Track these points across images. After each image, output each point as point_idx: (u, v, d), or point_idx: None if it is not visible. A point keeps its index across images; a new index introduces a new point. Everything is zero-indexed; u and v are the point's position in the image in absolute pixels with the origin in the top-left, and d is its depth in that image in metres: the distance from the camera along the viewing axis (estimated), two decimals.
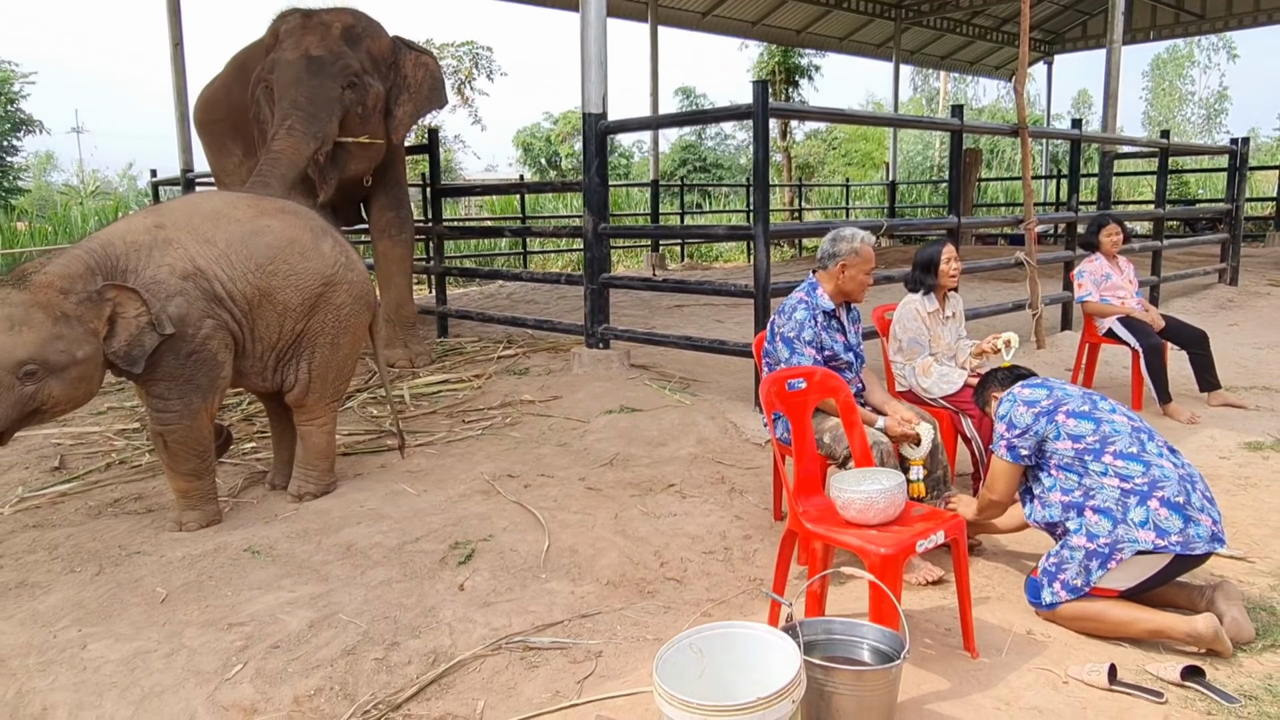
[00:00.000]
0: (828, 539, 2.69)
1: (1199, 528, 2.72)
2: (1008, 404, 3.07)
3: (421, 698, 2.61)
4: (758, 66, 24.00)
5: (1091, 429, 2.89)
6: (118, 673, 2.63)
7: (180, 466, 3.67)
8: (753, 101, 4.90)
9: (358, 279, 4.02)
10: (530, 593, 3.19)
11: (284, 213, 3.96)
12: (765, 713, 1.85)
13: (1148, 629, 2.74)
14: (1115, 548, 2.75)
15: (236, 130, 6.77)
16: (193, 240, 3.64)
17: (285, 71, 5.70)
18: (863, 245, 3.53)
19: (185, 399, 3.58)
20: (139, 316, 3.39)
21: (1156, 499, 2.74)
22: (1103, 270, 5.88)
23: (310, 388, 3.93)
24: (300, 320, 3.83)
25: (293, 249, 3.80)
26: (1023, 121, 6.56)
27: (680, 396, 5.35)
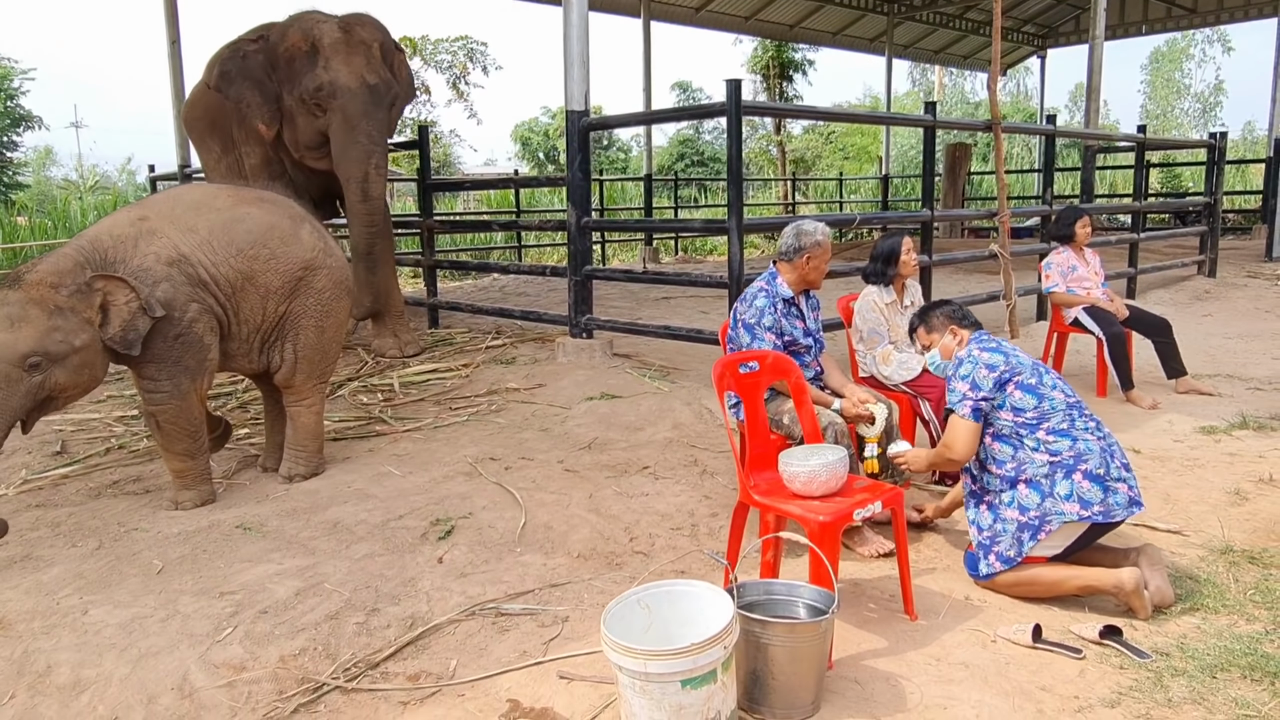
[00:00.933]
0: (773, 509, 2.90)
1: (1117, 495, 2.95)
2: (970, 365, 3.13)
3: (399, 657, 2.81)
4: (752, 61, 24.18)
5: (1034, 404, 3.05)
6: (116, 635, 2.83)
7: (174, 446, 3.88)
8: (726, 100, 5.09)
9: (336, 265, 4.20)
10: (505, 565, 3.39)
11: (263, 201, 4.17)
12: (699, 656, 2.05)
13: (1078, 585, 2.97)
14: (1044, 520, 2.97)
15: (213, 127, 6.99)
16: (175, 229, 3.84)
17: (352, 102, 5.91)
18: (824, 238, 3.73)
19: (174, 380, 3.78)
20: (129, 302, 3.58)
21: (1080, 472, 2.96)
22: (1069, 262, 6.07)
23: (297, 368, 4.13)
24: (282, 303, 4.03)
25: (273, 234, 4.00)
26: (996, 118, 6.75)
27: (659, 384, 5.55)
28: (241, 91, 6.09)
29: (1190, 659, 2.62)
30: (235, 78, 6.07)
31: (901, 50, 20.93)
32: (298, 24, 6.11)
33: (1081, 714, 2.39)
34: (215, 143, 7.04)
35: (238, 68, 6.09)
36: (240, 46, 6.12)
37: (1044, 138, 8.90)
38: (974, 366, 3.13)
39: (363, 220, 6.14)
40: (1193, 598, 3.02)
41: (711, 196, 23.87)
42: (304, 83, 5.99)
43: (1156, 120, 41.82)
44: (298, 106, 6.09)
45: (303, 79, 6.00)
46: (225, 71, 6.06)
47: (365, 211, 6.12)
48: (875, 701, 2.48)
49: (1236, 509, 3.86)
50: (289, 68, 6.07)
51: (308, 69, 5.99)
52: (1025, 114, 33.73)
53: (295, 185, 6.58)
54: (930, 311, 3.45)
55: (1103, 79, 10.14)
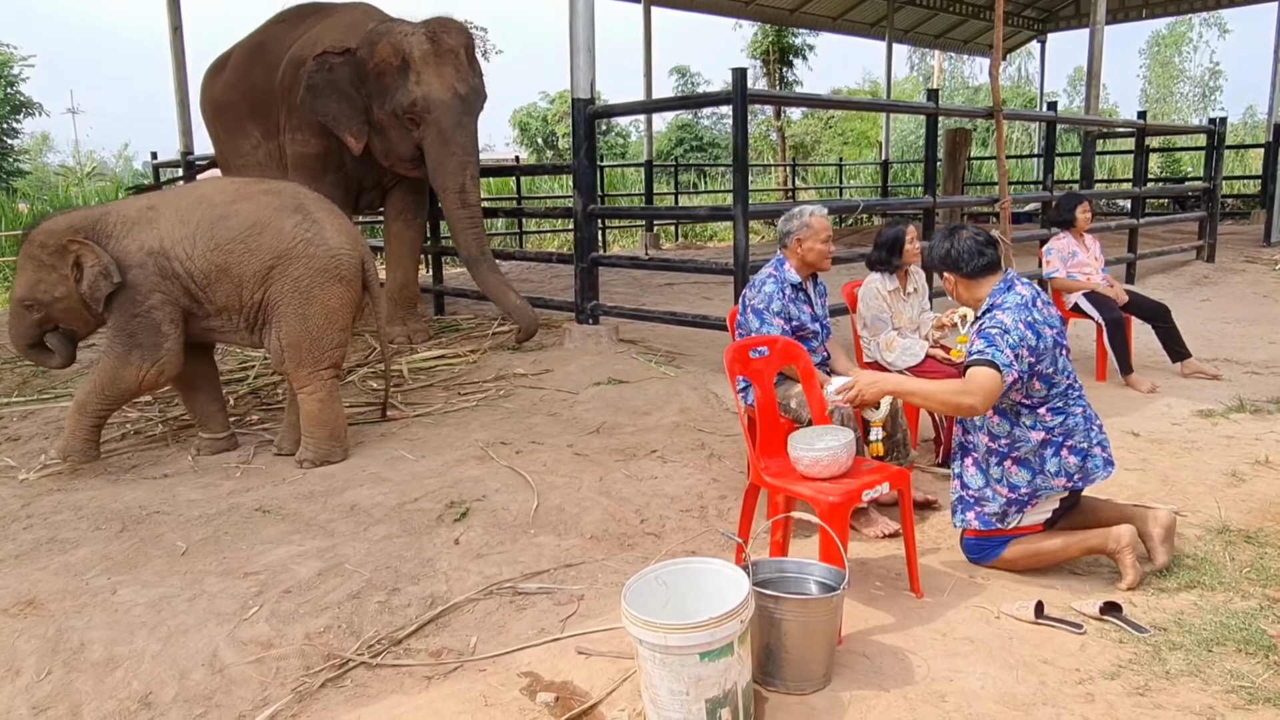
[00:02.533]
0: (785, 490, 2.98)
1: (1094, 459, 3.13)
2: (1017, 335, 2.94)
3: (420, 634, 2.90)
4: (752, 46, 24.15)
5: (1044, 391, 3.05)
6: (146, 614, 2.92)
7: (81, 394, 4.31)
8: (732, 88, 5.15)
9: (319, 254, 4.22)
10: (520, 546, 3.48)
11: (265, 194, 4.33)
12: (716, 630, 2.14)
13: (1080, 550, 3.13)
14: (1034, 496, 3.12)
15: (254, 112, 6.96)
16: (170, 223, 4.21)
17: (446, 115, 5.91)
18: (812, 218, 3.78)
19: (125, 347, 4.18)
20: (93, 265, 4.10)
21: (1067, 448, 3.10)
22: (1070, 248, 6.13)
23: (285, 356, 4.27)
24: (258, 290, 4.22)
25: (252, 230, 4.18)
26: (997, 105, 6.81)
27: (665, 369, 5.63)
28: (328, 105, 6.02)
29: (1187, 634, 2.71)
30: (322, 91, 6.01)
31: (902, 35, 20.89)
32: (386, 38, 5.98)
33: (1082, 685, 2.48)
34: (256, 128, 7.02)
35: (325, 80, 6.00)
36: (326, 60, 6.01)
37: (1044, 123, 8.94)
38: (1019, 338, 2.94)
39: (466, 225, 6.10)
40: (1190, 575, 3.11)
41: (711, 182, 23.88)
42: (397, 98, 5.94)
43: (1156, 105, 41.75)
44: (390, 120, 6.05)
45: (395, 94, 5.95)
46: (312, 85, 5.99)
47: (467, 217, 6.09)
48: (884, 674, 2.57)
49: (1233, 490, 3.94)
50: (379, 82, 6.00)
51: (400, 84, 5.92)
52: (1025, 99, 33.70)
53: (349, 176, 6.65)
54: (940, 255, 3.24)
55: (1105, 62, 10.18)
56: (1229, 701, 2.39)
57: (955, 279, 3.21)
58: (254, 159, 7.11)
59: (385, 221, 7.07)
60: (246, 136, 7.13)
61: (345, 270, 4.31)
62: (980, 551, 3.21)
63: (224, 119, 7.39)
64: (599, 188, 15.87)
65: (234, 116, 7.22)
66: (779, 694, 2.47)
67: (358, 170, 6.64)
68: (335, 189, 6.55)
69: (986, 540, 3.19)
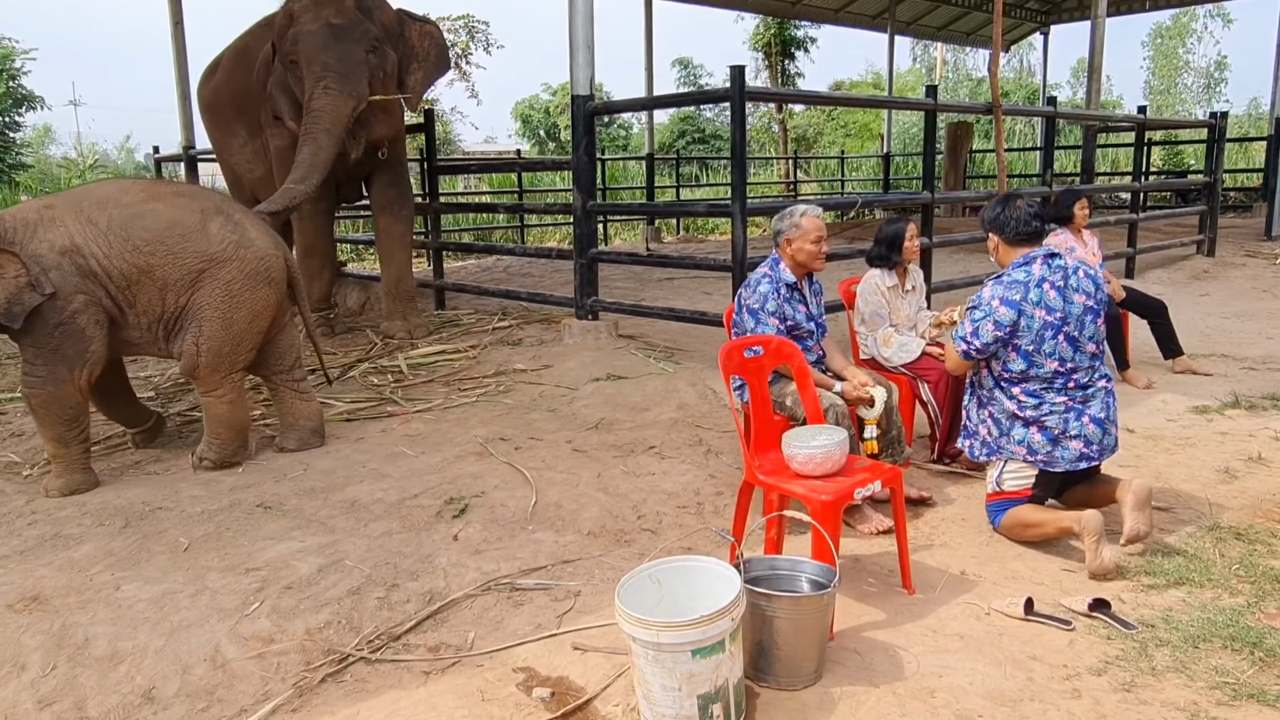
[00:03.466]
0: (778, 488, 3.02)
1: (1066, 450, 3.31)
2: (983, 312, 3.39)
3: (419, 630, 2.94)
4: (753, 38, 24.09)
5: (1021, 368, 3.35)
6: (149, 610, 2.96)
7: (46, 431, 4.02)
8: (730, 85, 5.17)
9: (250, 256, 4.19)
10: (518, 542, 3.52)
11: (178, 196, 4.24)
12: (708, 628, 2.18)
13: (1055, 528, 3.30)
14: (999, 450, 3.47)
15: (240, 112, 7.07)
16: (76, 221, 3.97)
17: (310, 41, 5.90)
18: (803, 219, 3.79)
19: (51, 366, 3.90)
20: (17, 277, 3.77)
21: (1037, 426, 3.34)
22: (1067, 243, 6.15)
23: (200, 360, 4.14)
24: (183, 294, 4.08)
25: (173, 231, 4.05)
26: (996, 100, 6.83)
27: (664, 365, 5.66)
28: (277, 102, 6.12)
29: (1174, 630, 2.75)
30: (270, 91, 6.12)
31: (904, 27, 20.84)
32: (284, 7, 6.14)
33: (1069, 682, 2.52)
34: (243, 127, 7.14)
35: (267, 80, 6.15)
36: (264, 59, 6.15)
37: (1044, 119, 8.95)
38: (985, 316, 3.39)
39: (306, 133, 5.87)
40: (1180, 571, 3.15)
41: (713, 175, 23.86)
42: (284, 49, 6.01)
43: (1160, 96, 41.62)
44: (287, 71, 6.05)
45: (283, 48, 6.04)
46: (268, 91, 6.11)
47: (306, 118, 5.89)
48: (874, 670, 2.61)
49: (1225, 487, 3.98)
50: (281, 50, 6.11)
51: (283, 38, 6.05)
52: (1028, 90, 33.62)
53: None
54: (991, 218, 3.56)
55: (1107, 56, 10.18)
56: (1213, 698, 2.42)
57: (998, 241, 3.53)
58: (243, 156, 7.26)
59: (373, 216, 7.08)
60: (235, 135, 7.27)
61: (274, 272, 4.30)
62: (992, 515, 3.51)
63: (216, 120, 7.54)
64: (600, 181, 15.94)
65: (224, 117, 7.34)
66: (770, 690, 2.51)
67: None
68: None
69: (993, 505, 3.50)
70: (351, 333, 7.20)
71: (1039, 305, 3.30)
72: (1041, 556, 3.35)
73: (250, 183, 7.42)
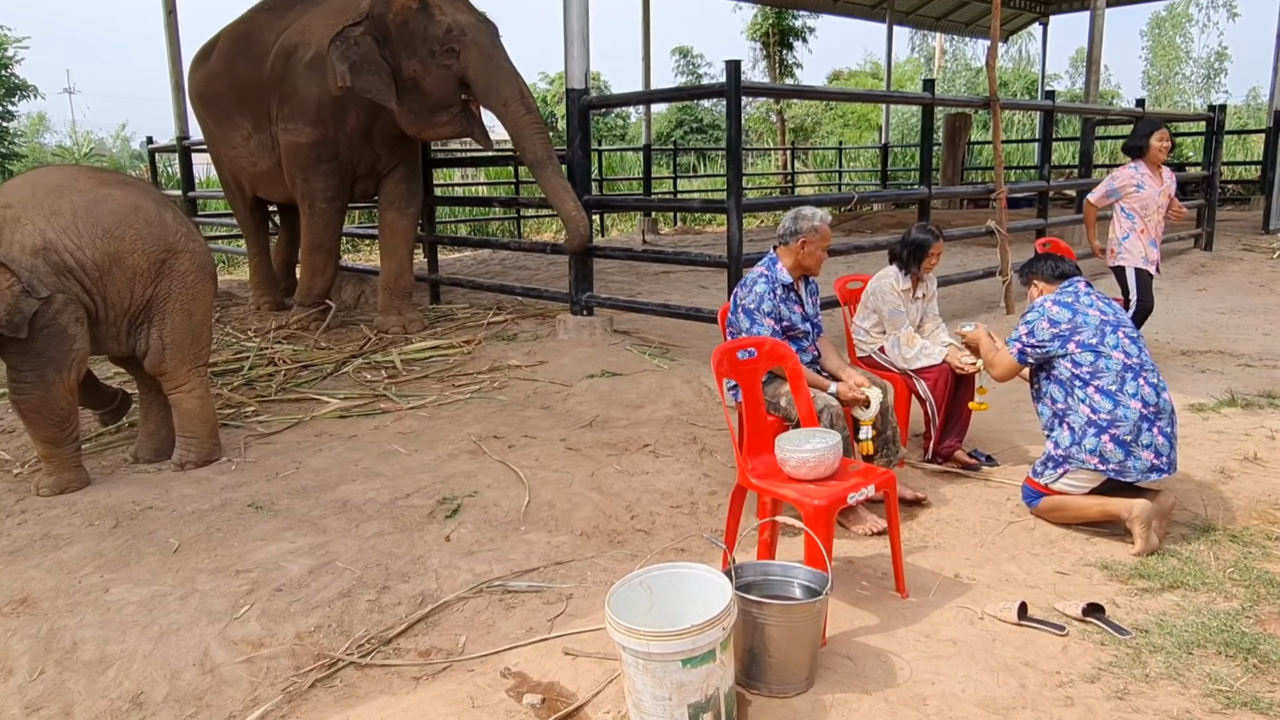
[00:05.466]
0: (771, 492, 3.00)
1: (1138, 460, 3.38)
2: (1037, 313, 3.63)
3: (410, 633, 2.93)
4: (751, 28, 24.02)
5: (1090, 360, 3.47)
6: (138, 613, 2.95)
7: (37, 434, 3.96)
8: (726, 81, 5.14)
9: (199, 249, 4.21)
10: (510, 543, 3.50)
11: (124, 184, 4.18)
12: (698, 638, 2.16)
13: (1099, 511, 3.46)
14: (1067, 460, 3.51)
15: (242, 103, 6.94)
16: (39, 215, 3.83)
17: (481, 34, 6.00)
18: (822, 224, 3.79)
19: (38, 370, 3.82)
20: (11, 287, 3.62)
21: (1109, 435, 3.37)
22: (1135, 179, 5.57)
23: (167, 354, 4.12)
24: (149, 285, 4.04)
25: (137, 215, 4.00)
26: (994, 95, 6.79)
27: (659, 361, 5.64)
28: (370, 80, 5.92)
29: (1168, 635, 2.74)
30: (361, 67, 5.90)
31: (902, 17, 20.75)
32: None
33: (1062, 689, 2.51)
34: (246, 120, 7.00)
35: (360, 56, 5.89)
36: (349, 35, 5.89)
37: (1043, 113, 8.91)
38: (1039, 316, 3.62)
39: (535, 129, 6.08)
40: (1174, 575, 3.14)
41: (710, 165, 23.80)
42: (430, 35, 5.92)
43: (1159, 86, 41.50)
44: (424, 67, 5.98)
45: (426, 34, 5.93)
46: (353, 65, 5.87)
47: (533, 121, 6.10)
48: (866, 677, 2.60)
49: (1221, 487, 3.97)
50: (403, 31, 5.95)
51: (426, 23, 5.93)
52: (1027, 80, 33.51)
53: (345, 166, 6.61)
54: (1025, 271, 3.90)
55: (1105, 46, 10.15)
56: (1206, 705, 2.41)
57: (1041, 284, 3.81)
58: (245, 150, 7.10)
59: (379, 210, 7.01)
60: (237, 129, 7.11)
61: (213, 266, 4.35)
62: (1028, 498, 3.67)
63: (212, 110, 7.38)
64: (597, 172, 15.89)
65: (222, 108, 7.20)
66: (762, 697, 2.50)
67: (352, 157, 6.61)
68: (330, 178, 6.56)
69: (1031, 490, 3.65)
70: (345, 327, 7.17)
71: (1091, 306, 3.58)
72: (1035, 560, 3.35)
73: (251, 177, 7.32)
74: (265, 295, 7.91)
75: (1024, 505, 3.71)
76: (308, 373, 5.91)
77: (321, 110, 6.36)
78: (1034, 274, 3.85)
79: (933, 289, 4.61)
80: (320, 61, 6.20)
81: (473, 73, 5.97)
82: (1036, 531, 3.59)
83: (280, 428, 4.87)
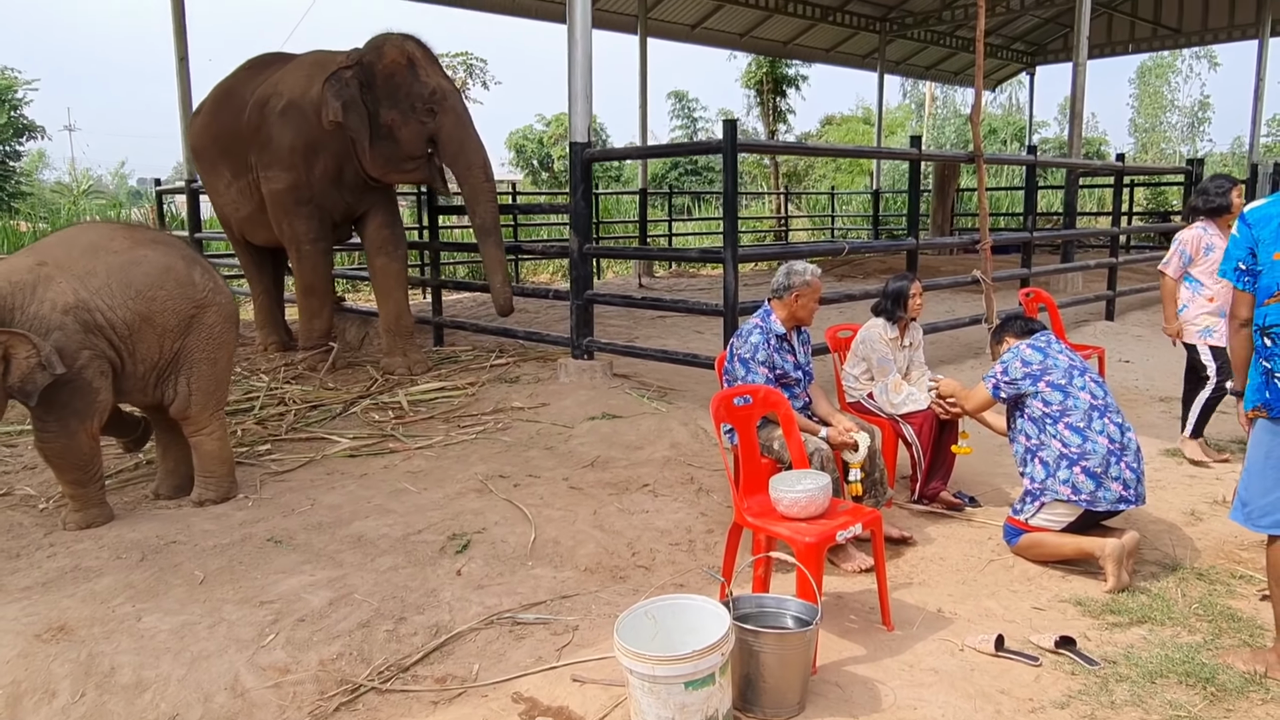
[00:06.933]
0: (765, 530, 3.22)
1: (1108, 491, 3.62)
2: (1011, 354, 3.95)
3: (426, 662, 3.12)
4: (746, 76, 24.55)
5: (1059, 399, 3.76)
6: (170, 640, 3.13)
7: (63, 476, 4.13)
8: (723, 138, 5.42)
9: (226, 301, 4.47)
10: (518, 577, 3.70)
11: (157, 243, 4.42)
12: (700, 662, 2.37)
13: (1073, 549, 3.71)
14: (1043, 492, 3.77)
15: (225, 153, 7.35)
16: (73, 275, 4.02)
17: (458, 101, 6.68)
18: (813, 278, 4.05)
19: (62, 421, 3.99)
20: (28, 358, 3.75)
21: (1080, 467, 3.63)
22: (1205, 240, 4.99)
23: (192, 400, 4.34)
24: (177, 339, 4.26)
25: (169, 276, 4.24)
26: (978, 149, 7.09)
27: (657, 404, 5.86)
28: (354, 119, 6.39)
29: (1134, 666, 2.95)
30: (350, 107, 6.36)
31: (893, 66, 21.34)
32: (389, 43, 6.49)
33: (1035, 715, 2.72)
34: (226, 168, 7.37)
35: (351, 97, 6.36)
36: (341, 76, 6.36)
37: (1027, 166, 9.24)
38: (1013, 356, 3.93)
39: (490, 198, 6.73)
40: (1143, 610, 3.35)
41: (705, 208, 24.21)
42: (414, 92, 6.42)
43: (1145, 134, 42.33)
44: (403, 118, 6.46)
45: (410, 90, 6.42)
46: (346, 103, 6.33)
47: (490, 190, 6.75)
48: (854, 703, 2.80)
49: (1190, 529, 4.19)
50: (389, 83, 6.42)
51: (411, 81, 6.42)
52: (1015, 127, 34.19)
53: (321, 209, 6.91)
54: (999, 331, 4.21)
55: (1093, 93, 10.59)
56: None
57: (1013, 338, 4.08)
58: (228, 196, 7.50)
59: (368, 257, 7.30)
60: (219, 176, 7.50)
61: (237, 315, 4.61)
62: (1009, 536, 3.91)
63: (201, 161, 7.84)
64: (595, 214, 16.22)
65: (209, 159, 7.61)
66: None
67: (328, 200, 6.94)
68: (311, 220, 6.89)
69: (1012, 529, 3.89)
70: (351, 368, 7.38)
71: (1061, 353, 3.92)
72: (1014, 596, 3.56)
73: (237, 222, 7.67)
74: (271, 335, 8.13)
75: (1004, 544, 3.93)
76: (316, 412, 6.12)
77: (293, 155, 6.75)
78: (1006, 332, 4.15)
79: (919, 339, 4.86)
80: (292, 110, 6.71)
81: (446, 135, 6.53)
82: (1015, 569, 3.81)
83: (293, 466, 5.07)
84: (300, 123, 6.69)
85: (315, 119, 6.56)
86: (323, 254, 7.15)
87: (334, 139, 6.59)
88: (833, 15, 18.01)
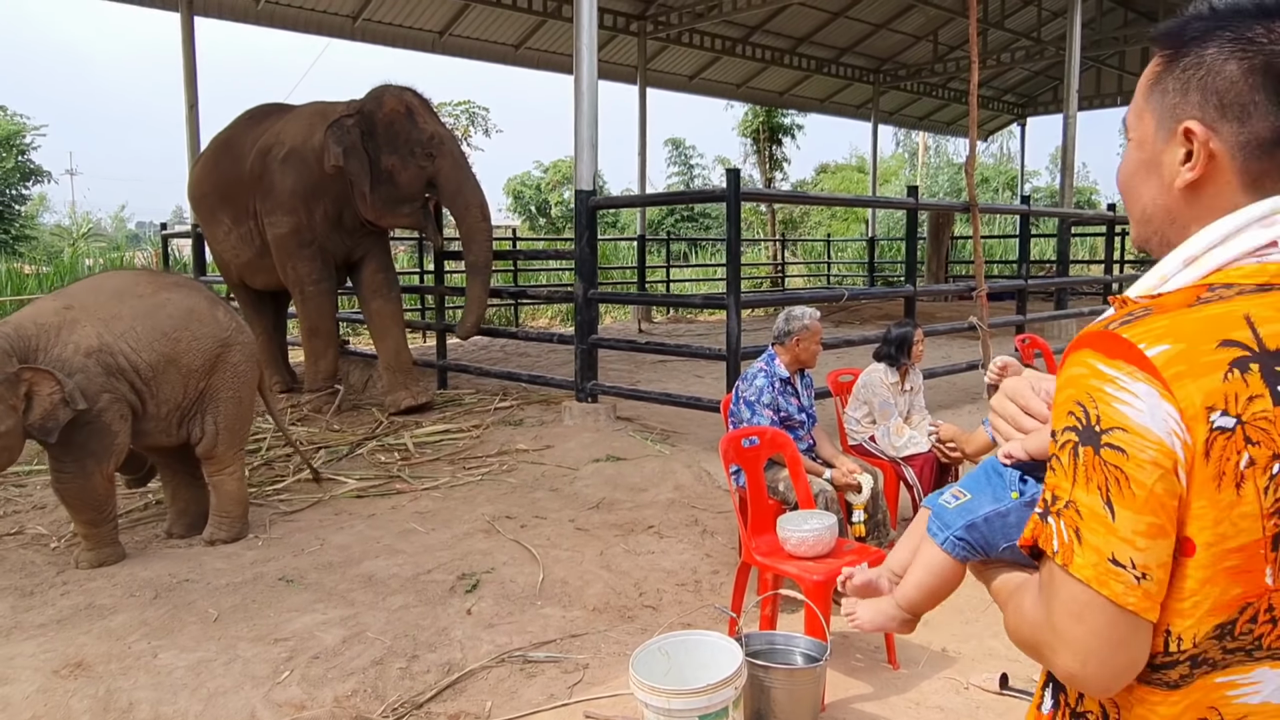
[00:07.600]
0: (773, 568, 3.29)
1: None
2: None
3: (439, 699, 3.16)
4: (742, 125, 24.94)
5: None
6: (186, 676, 3.18)
7: (78, 516, 4.19)
8: (726, 187, 5.57)
9: (248, 340, 4.60)
10: (528, 616, 3.75)
11: (180, 286, 4.54)
12: (713, 696, 2.43)
13: None
14: None
15: (224, 201, 7.54)
16: (97, 318, 4.11)
17: (456, 147, 7.10)
18: (812, 321, 4.16)
19: (80, 462, 4.05)
20: (52, 394, 3.83)
21: None
22: None
23: (219, 439, 4.42)
24: (202, 380, 4.36)
25: (193, 317, 4.35)
26: (972, 199, 7.26)
27: (660, 447, 5.94)
28: (354, 164, 6.65)
29: None
30: (352, 153, 6.64)
31: (887, 116, 21.75)
32: (388, 93, 6.86)
33: None
34: (226, 215, 7.55)
35: (352, 143, 6.65)
36: (343, 124, 6.66)
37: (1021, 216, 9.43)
38: None
39: (486, 238, 7.10)
40: None
41: (702, 254, 24.44)
42: (413, 138, 6.74)
43: None
44: (402, 163, 6.76)
45: (409, 136, 6.74)
46: (347, 149, 6.62)
47: (487, 230, 7.11)
48: None
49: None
50: (388, 130, 6.74)
51: (410, 128, 6.74)
52: (1008, 176, 34.66)
53: (323, 250, 7.10)
54: None
55: (1083, 144, 10.85)
56: None
57: None
58: (228, 243, 7.67)
59: (363, 301, 7.55)
60: (219, 224, 7.68)
61: (258, 353, 4.74)
62: None
63: (200, 210, 8.03)
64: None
65: (208, 207, 7.79)
66: None
67: (329, 243, 7.16)
68: (313, 262, 7.07)
69: None
70: (356, 410, 7.46)
71: None
72: None
73: (237, 267, 7.84)
74: (274, 376, 8.22)
75: None
76: (323, 454, 6.18)
77: (294, 200, 6.96)
78: None
79: (919, 383, 4.96)
80: (294, 157, 6.95)
81: (444, 177, 6.85)
82: None
83: (302, 506, 5.13)
84: (302, 169, 6.91)
85: (316, 165, 6.79)
86: (326, 295, 7.30)
87: (334, 184, 6.82)
88: (828, 67, 18.42)
